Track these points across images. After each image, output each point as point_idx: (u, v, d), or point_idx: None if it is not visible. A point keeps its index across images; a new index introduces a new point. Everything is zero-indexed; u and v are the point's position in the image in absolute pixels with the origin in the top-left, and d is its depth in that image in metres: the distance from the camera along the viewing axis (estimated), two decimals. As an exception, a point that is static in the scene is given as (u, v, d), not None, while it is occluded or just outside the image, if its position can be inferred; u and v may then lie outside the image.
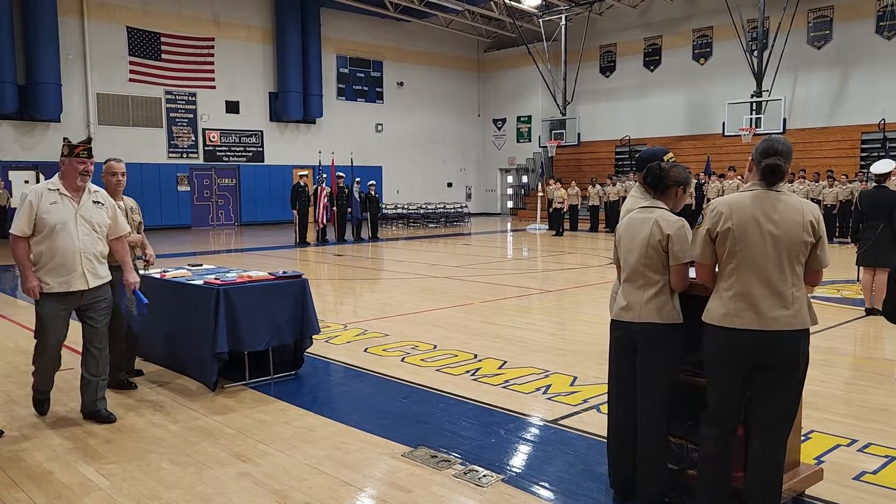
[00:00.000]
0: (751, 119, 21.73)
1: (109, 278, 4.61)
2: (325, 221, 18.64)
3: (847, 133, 21.82)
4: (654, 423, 3.24)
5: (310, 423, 4.59)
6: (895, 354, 6.63)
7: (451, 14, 27.90)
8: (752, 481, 2.93)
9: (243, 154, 25.16)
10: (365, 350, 6.61)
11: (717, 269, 3.02)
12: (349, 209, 19.49)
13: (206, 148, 24.22)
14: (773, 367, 2.85)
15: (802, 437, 3.83)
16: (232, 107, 24.82)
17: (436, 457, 3.96)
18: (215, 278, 5.48)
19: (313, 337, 5.78)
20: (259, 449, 4.12)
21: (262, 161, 25.49)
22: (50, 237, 4.30)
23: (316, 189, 18.58)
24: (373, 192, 20.48)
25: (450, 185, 31.32)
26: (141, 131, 22.81)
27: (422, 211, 26.28)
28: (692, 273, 3.18)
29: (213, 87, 24.26)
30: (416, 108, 29.75)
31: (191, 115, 23.83)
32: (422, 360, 6.22)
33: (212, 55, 24.19)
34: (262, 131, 25.58)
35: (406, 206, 26.36)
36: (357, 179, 20.24)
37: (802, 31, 22.52)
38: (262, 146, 25.56)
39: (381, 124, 28.81)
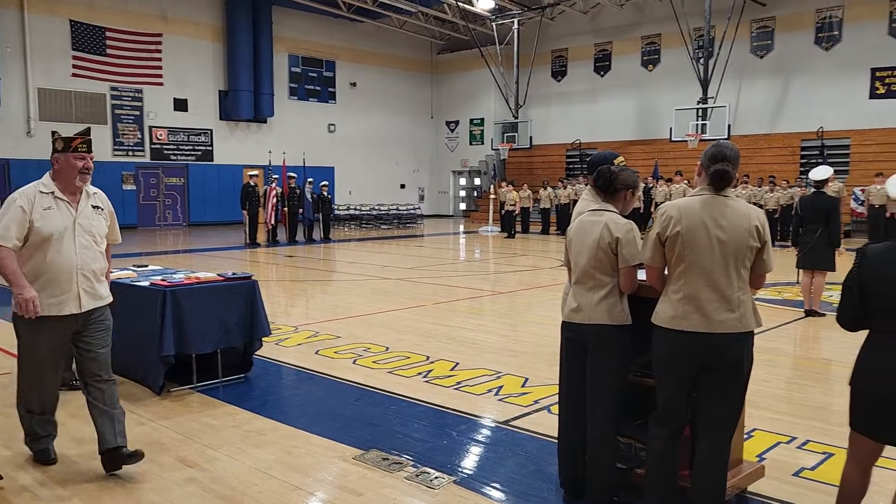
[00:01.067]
0: (697, 125, 22.27)
1: (110, 299, 3.87)
2: (274, 222, 18.40)
3: (787, 140, 22.54)
4: (604, 423, 3.29)
5: (259, 426, 4.52)
6: (832, 354, 6.87)
7: (404, 15, 27.87)
8: (699, 480, 3.00)
9: (192, 153, 24.65)
10: (316, 352, 6.54)
11: (666, 272, 3.08)
12: (301, 210, 19.28)
13: (152, 146, 23.65)
14: (719, 368, 2.92)
15: (745, 436, 3.94)
16: (180, 104, 24.29)
17: (387, 459, 3.94)
18: (162, 279, 5.35)
19: (263, 339, 5.70)
20: (206, 454, 4.04)
21: (212, 160, 25.02)
22: (42, 250, 3.55)
23: (266, 189, 18.33)
24: (325, 193, 20.30)
25: (403, 186, 31.27)
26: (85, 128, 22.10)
27: (374, 212, 26.15)
28: (641, 275, 3.24)
29: (161, 84, 23.71)
30: (370, 108, 29.62)
31: (137, 112, 23.24)
32: (374, 362, 6.19)
33: (159, 51, 23.64)
34: (211, 130, 25.11)
35: (359, 208, 26.20)
36: (309, 180, 20.05)
37: (746, 41, 23.18)
38: (211, 145, 25.09)
39: (333, 125, 28.59)
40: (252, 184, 17.91)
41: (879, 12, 20.96)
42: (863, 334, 2.76)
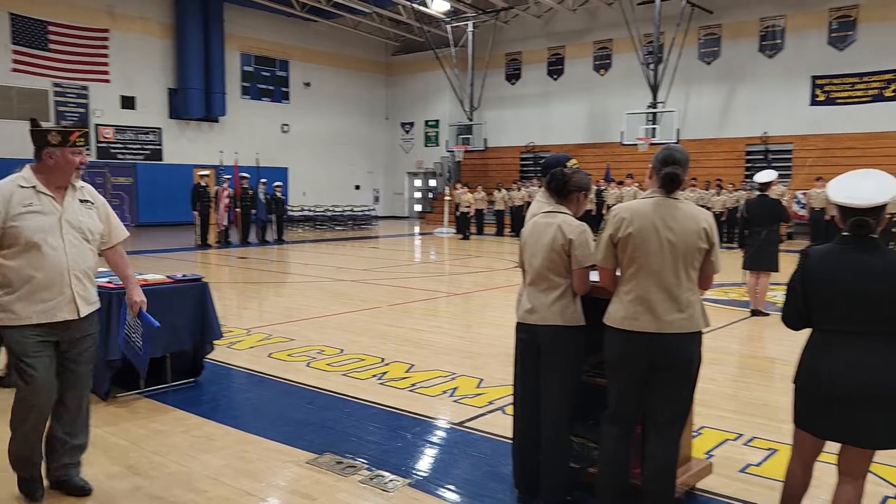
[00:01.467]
0: (647, 129, 22.69)
1: (99, 304, 3.54)
2: (227, 223, 18.09)
3: (733, 144, 23.15)
4: (558, 423, 3.32)
5: (209, 431, 4.43)
6: (776, 353, 7.08)
7: (358, 16, 27.72)
8: (649, 478, 3.05)
9: (140, 152, 24.06)
10: (269, 355, 6.45)
11: (618, 273, 3.13)
12: (254, 211, 19.00)
13: (99, 144, 22.99)
14: (669, 367, 2.98)
15: (694, 434, 4.02)
16: (128, 102, 23.68)
17: (341, 463, 3.91)
18: (108, 282, 5.21)
19: (214, 343, 5.60)
20: (154, 461, 3.94)
21: (161, 160, 24.45)
22: (27, 252, 3.17)
23: (217, 190, 18.02)
24: (278, 194, 20.05)
25: (357, 187, 31.08)
26: (26, 125, 21.27)
27: (329, 213, 25.93)
28: (594, 276, 3.28)
29: (108, 81, 23.08)
30: (324, 109, 29.37)
31: (82, 110, 22.55)
32: (328, 364, 6.14)
33: (106, 47, 23.01)
34: (160, 129, 24.55)
35: (313, 209, 25.94)
36: (262, 180, 19.77)
37: (694, 48, 23.72)
38: (160, 144, 24.53)
39: (287, 125, 28.26)
40: (203, 184, 17.58)
41: (819, 22, 21.70)
42: (806, 333, 2.85)
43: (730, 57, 23.41)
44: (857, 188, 2.69)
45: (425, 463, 4.01)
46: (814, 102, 21.88)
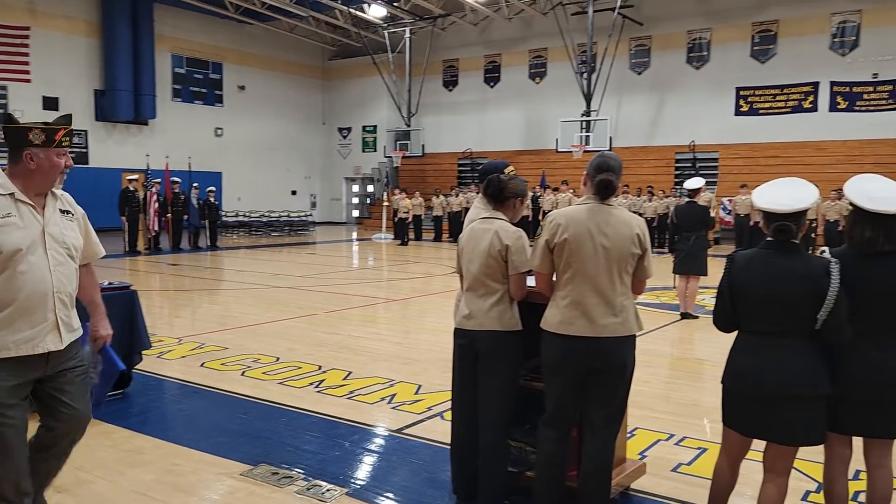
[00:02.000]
0: (581, 137, 23.16)
1: (81, 331, 3.00)
2: (157, 229, 17.56)
3: (663, 152, 23.87)
4: (496, 427, 3.34)
5: (138, 445, 4.28)
6: (705, 355, 7.31)
7: (294, 19, 27.39)
8: (585, 479, 3.10)
9: (64, 155, 23.14)
10: (201, 365, 6.28)
11: (554, 279, 3.17)
12: (186, 216, 18.50)
13: (19, 147, 21.99)
14: (604, 371, 3.04)
15: (628, 435, 4.12)
16: (50, 103, 22.71)
17: (277, 473, 3.83)
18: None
19: (143, 353, 5.42)
20: (78, 477, 3.78)
21: (87, 163, 23.55)
22: (6, 270, 2.67)
23: (146, 194, 17.48)
24: (212, 199, 19.59)
25: (294, 192, 30.64)
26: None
27: (264, 219, 25.45)
28: (531, 282, 3.32)
29: (28, 81, 22.10)
30: (259, 113, 28.86)
31: (1, 111, 21.56)
32: (263, 373, 6.02)
33: (26, 45, 22.03)
34: (86, 131, 23.66)
35: (248, 214, 25.41)
36: (195, 185, 19.27)
37: (625, 58, 24.37)
38: (86, 147, 23.64)
39: (220, 128, 27.65)
40: (131, 188, 17.03)
41: (743, 35, 22.61)
42: (734, 334, 2.95)
43: (659, 67, 24.14)
44: (779, 195, 2.81)
45: (363, 471, 3.98)
46: (738, 113, 22.76)
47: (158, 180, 18.20)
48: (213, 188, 20.13)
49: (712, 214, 8.99)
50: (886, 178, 2.92)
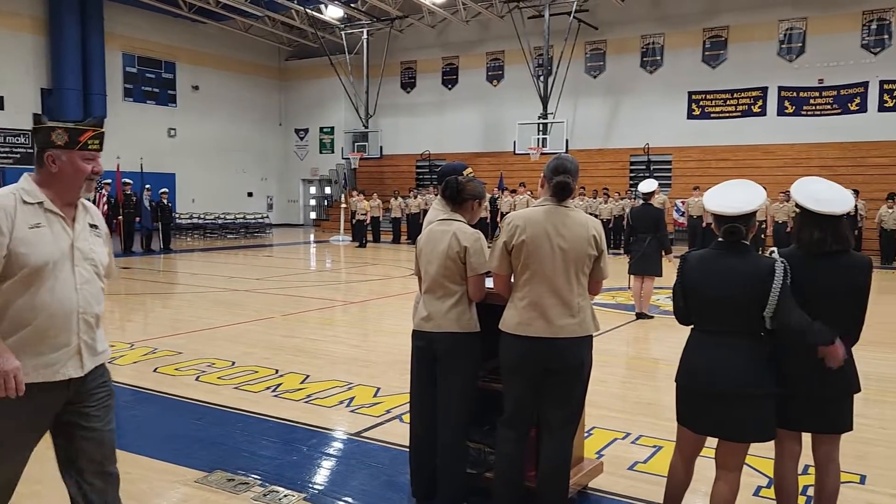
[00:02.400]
0: (538, 139, 23.38)
1: (108, 355, 2.74)
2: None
3: (618, 155, 24.24)
4: (455, 429, 3.34)
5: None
6: (660, 354, 7.43)
7: (249, 19, 27.04)
8: (544, 480, 3.12)
9: (9, 156, 22.42)
10: (154, 370, 6.15)
11: (512, 280, 3.18)
12: (138, 218, 18.10)
13: (-39, 147, 21.26)
14: (562, 371, 3.06)
15: (586, 434, 4.16)
16: (-6, 102, 22.04)
17: (233, 480, 3.77)
18: None
19: (94, 358, 5.27)
20: (28, 488, 3.65)
21: (33, 164, 22.87)
22: (31, 286, 2.39)
23: (95, 196, 17.04)
24: (165, 201, 19.21)
25: (250, 194, 30.21)
26: None
27: (220, 221, 25.07)
28: (489, 283, 3.33)
29: (-29, 79, 21.40)
30: (214, 113, 28.39)
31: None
32: (219, 378, 5.92)
33: (-31, 42, 21.32)
34: (32, 131, 22.96)
35: (202, 216, 24.99)
36: (147, 186, 18.87)
37: (581, 62, 24.69)
38: (33, 147, 22.91)
39: (174, 129, 27.12)
40: (81, 190, 16.59)
41: (694, 41, 23.11)
42: (686, 333, 3.01)
43: (614, 71, 24.51)
44: (729, 198, 2.87)
45: (321, 476, 3.94)
46: (690, 116, 23.25)
47: (109, 181, 17.78)
48: (166, 190, 19.76)
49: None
50: (829, 180, 3.02)
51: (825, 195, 2.88)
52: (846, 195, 2.94)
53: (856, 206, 16.01)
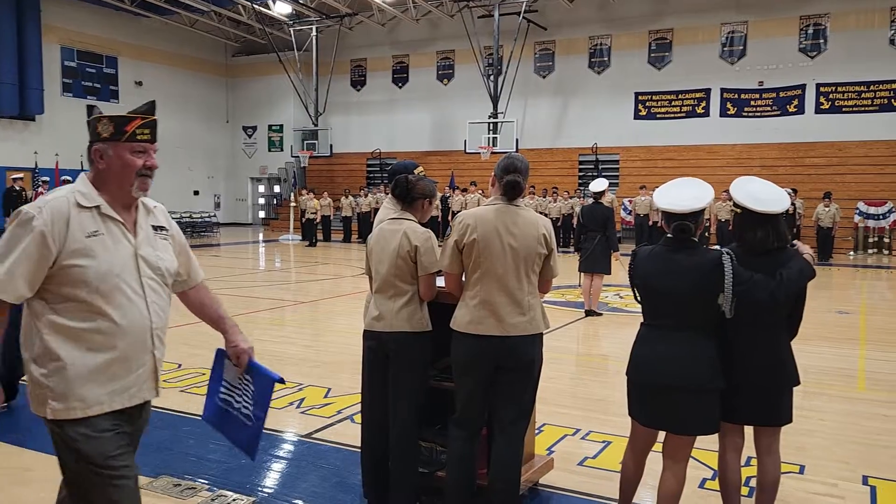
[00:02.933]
0: (488, 138, 23.50)
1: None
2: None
3: (567, 154, 24.55)
4: (406, 428, 3.33)
5: (26, 462, 4.01)
6: (608, 350, 7.56)
7: (195, 14, 26.45)
8: (495, 477, 3.13)
9: (-61, 153, 21.47)
10: (96, 374, 5.96)
11: (463, 279, 3.19)
12: (77, 218, 17.53)
13: None
14: (513, 369, 3.08)
15: (536, 431, 4.20)
16: (-78, 96, 21.06)
17: (179, 485, 3.68)
18: None
19: (31, 363, 5.08)
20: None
21: (-35, 161, 21.95)
22: (96, 304, 2.12)
23: (34, 194, 16.47)
24: (106, 200, 18.63)
25: (196, 193, 29.57)
26: None
27: (164, 220, 24.46)
28: (440, 282, 3.33)
29: None
30: (158, 110, 26.60)
31: None
32: (164, 380, 5.75)
33: None
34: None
35: (146, 215, 24.33)
36: (87, 185, 18.28)
37: (531, 62, 24.91)
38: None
39: (115, 126, 26.31)
40: (17, 188, 16.02)
41: (640, 42, 23.55)
42: (635, 329, 3.06)
43: (563, 71, 24.80)
44: (678, 195, 2.94)
45: (271, 479, 3.88)
46: (637, 116, 23.69)
47: (47, 179, 17.20)
48: (108, 188, 19.18)
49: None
50: (769, 180, 3.11)
51: (764, 195, 2.97)
52: (782, 194, 3.04)
53: (794, 204, 16.58)
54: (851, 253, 18.61)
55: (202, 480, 3.75)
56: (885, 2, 20.30)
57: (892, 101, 20.32)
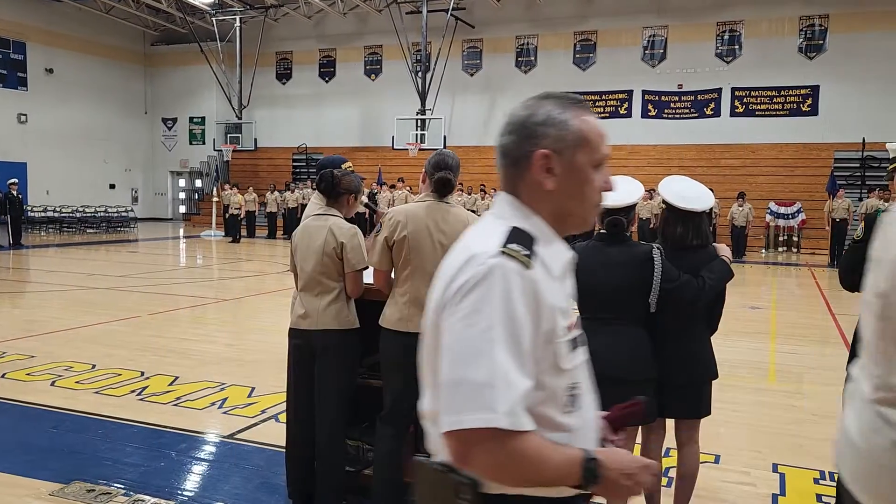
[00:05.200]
0: (416, 135, 23.49)
1: None
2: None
3: (495, 152, 24.76)
4: (333, 427, 3.28)
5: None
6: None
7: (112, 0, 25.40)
8: (423, 473, 3.12)
9: None
10: (2, 376, 5.65)
11: (393, 276, 3.16)
12: (-19, 211, 16.59)
13: None
14: (442, 365, 3.07)
15: (464, 426, 4.21)
16: None
17: (93, 491, 3.52)
18: None
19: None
20: None
21: None
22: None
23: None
24: (14, 192, 17.69)
25: (112, 186, 28.39)
26: None
27: (78, 214, 23.44)
28: (368, 279, 3.29)
29: None
30: (71, 99, 26.38)
31: None
32: (77, 382, 5.52)
33: None
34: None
35: (59, 209, 23.26)
36: (-8, 177, 17.32)
37: (458, 59, 25.04)
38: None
39: (24, 114, 24.96)
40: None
41: (566, 43, 24.02)
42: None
43: (490, 70, 25.04)
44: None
45: (192, 481, 3.76)
46: (563, 116, 24.14)
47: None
48: (15, 180, 18.22)
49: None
50: (691, 179, 3.22)
51: (689, 193, 3.08)
52: (707, 193, 3.15)
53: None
54: (763, 251, 19.51)
55: (118, 485, 3.60)
56: (795, 11, 21.37)
57: (801, 105, 21.43)
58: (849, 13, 20.72)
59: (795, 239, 19.71)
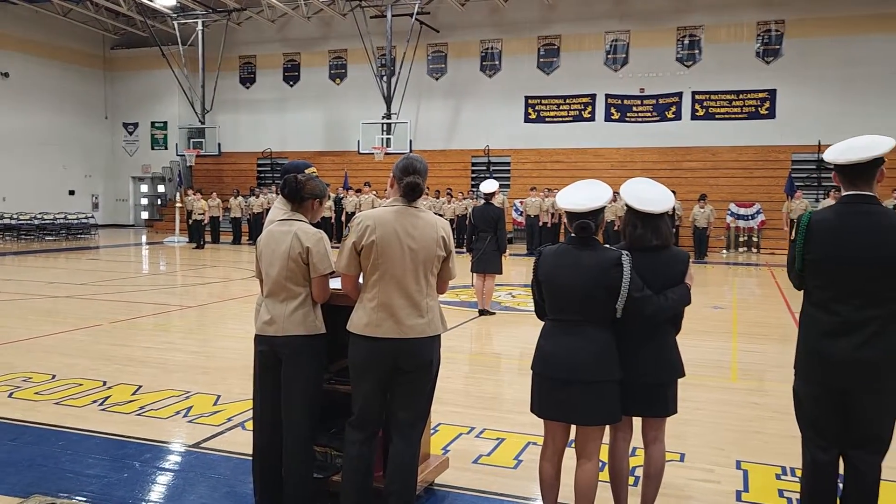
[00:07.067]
0: (382, 139, 23.44)
1: None
2: None
3: (460, 156, 24.87)
4: (300, 434, 3.26)
5: None
6: (501, 349, 7.71)
7: (69, 2, 24.85)
8: (392, 479, 3.12)
9: None
10: (-43, 389, 5.49)
11: (361, 281, 3.15)
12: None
13: None
14: (411, 371, 3.08)
15: (432, 431, 4.22)
16: None
17: (54, 504, 3.44)
18: None
19: None
20: None
21: None
22: None
23: None
24: (-32, 200, 17.22)
25: (72, 192, 27.74)
26: None
27: (36, 221, 22.87)
28: (335, 284, 3.28)
29: None
30: (28, 103, 25.70)
31: None
32: (36, 393, 5.39)
33: None
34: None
35: (16, 216, 22.66)
36: (-55, 183, 16.82)
37: (424, 63, 25.05)
38: None
39: (-22, 119, 24.30)
40: None
41: (530, 48, 24.19)
42: (529, 326, 3.13)
43: (455, 74, 25.10)
44: (578, 196, 3.06)
45: (156, 492, 3.70)
46: (527, 120, 24.32)
47: None
48: (-30, 187, 17.72)
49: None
50: (653, 181, 3.28)
51: (647, 195, 3.14)
52: (667, 196, 3.21)
53: (673, 206, 17.52)
54: (724, 251, 19.87)
55: (80, 498, 3.53)
56: (753, 17, 21.83)
57: (759, 109, 21.88)
58: (804, 19, 21.24)
59: (755, 239, 20.11)
